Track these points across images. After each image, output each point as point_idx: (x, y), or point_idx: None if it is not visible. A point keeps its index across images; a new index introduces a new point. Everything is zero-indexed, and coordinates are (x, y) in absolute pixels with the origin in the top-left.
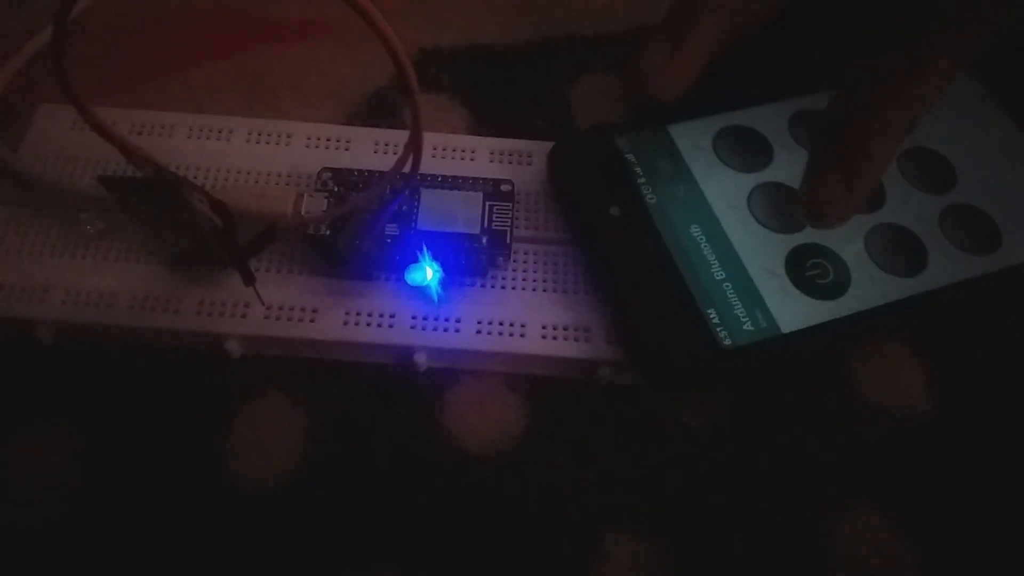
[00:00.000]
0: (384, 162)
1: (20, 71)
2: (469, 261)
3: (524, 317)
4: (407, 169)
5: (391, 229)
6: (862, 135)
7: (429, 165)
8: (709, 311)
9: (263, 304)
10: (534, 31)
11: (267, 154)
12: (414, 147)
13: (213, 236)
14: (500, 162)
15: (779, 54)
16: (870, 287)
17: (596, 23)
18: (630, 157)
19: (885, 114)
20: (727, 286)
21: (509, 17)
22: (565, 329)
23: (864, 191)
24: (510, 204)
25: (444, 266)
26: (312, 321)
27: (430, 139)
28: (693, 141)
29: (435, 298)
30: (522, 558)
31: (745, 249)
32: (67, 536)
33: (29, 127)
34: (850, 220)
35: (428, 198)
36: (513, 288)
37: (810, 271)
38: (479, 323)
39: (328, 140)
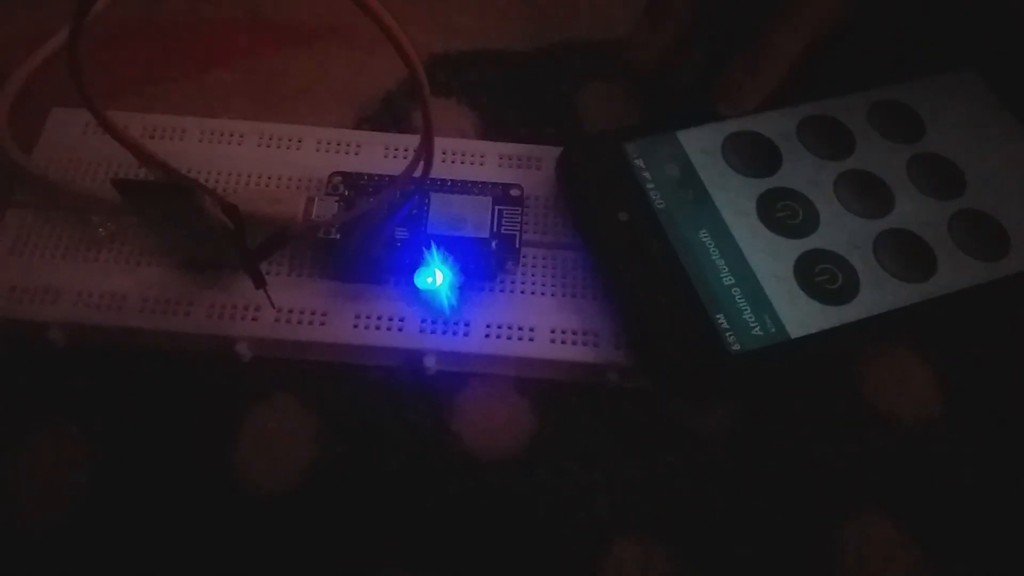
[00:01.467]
0: (394, 166)
1: (33, 75)
2: (478, 265)
3: (533, 321)
4: (418, 173)
5: (401, 233)
6: (770, 30)
7: (439, 169)
8: (718, 316)
9: (273, 307)
10: (544, 37)
11: (278, 158)
12: (426, 151)
13: (224, 239)
14: (509, 167)
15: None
16: (879, 292)
17: (605, 29)
18: (639, 162)
19: (791, 16)
20: (736, 291)
21: (519, 22)
22: (574, 333)
23: (766, 80)
24: (519, 208)
25: (453, 270)
26: (322, 324)
27: (440, 143)
28: (702, 147)
29: (445, 302)
30: (530, 562)
31: (754, 254)
32: (77, 537)
33: (42, 130)
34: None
35: (438, 202)
36: (522, 292)
37: (819, 276)
38: (488, 327)
39: (338, 144)
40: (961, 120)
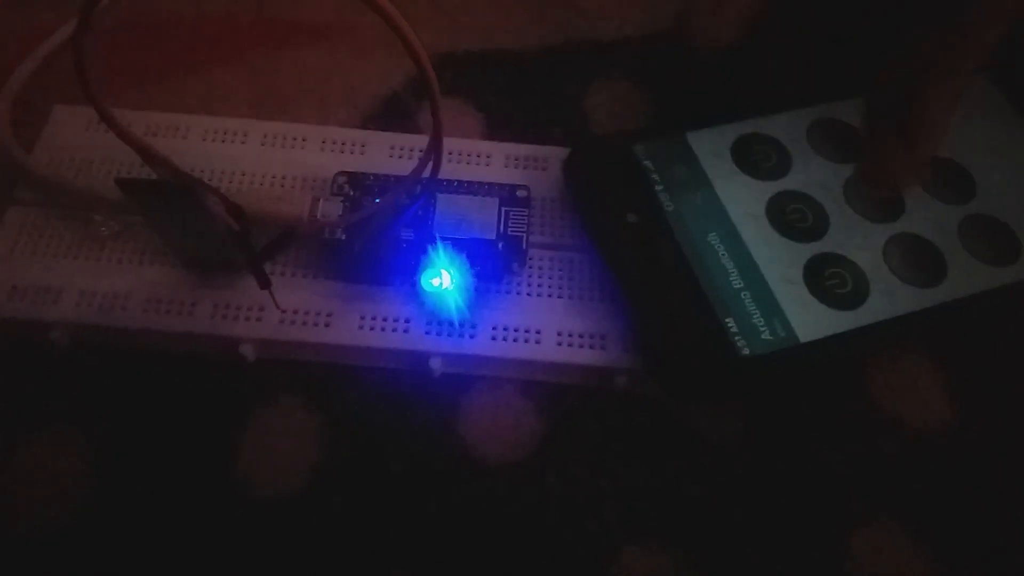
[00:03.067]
0: (400, 166)
1: (35, 72)
2: (485, 267)
3: (539, 323)
4: (426, 173)
5: (407, 234)
6: (920, 101)
7: (445, 170)
8: (727, 320)
9: (278, 308)
10: (551, 36)
11: (282, 157)
12: (435, 152)
13: (229, 239)
14: (516, 167)
15: (798, 62)
16: (888, 297)
17: (613, 29)
18: (648, 164)
19: (941, 80)
20: (745, 295)
21: (525, 22)
22: (581, 336)
23: (925, 154)
24: (526, 210)
25: (459, 271)
26: (327, 325)
27: (446, 144)
28: (711, 148)
29: (451, 303)
30: (537, 568)
31: (763, 258)
32: (79, 540)
33: (44, 128)
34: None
35: (444, 203)
36: (528, 294)
37: (828, 280)
38: (494, 329)
39: (343, 144)
40: (971, 124)
